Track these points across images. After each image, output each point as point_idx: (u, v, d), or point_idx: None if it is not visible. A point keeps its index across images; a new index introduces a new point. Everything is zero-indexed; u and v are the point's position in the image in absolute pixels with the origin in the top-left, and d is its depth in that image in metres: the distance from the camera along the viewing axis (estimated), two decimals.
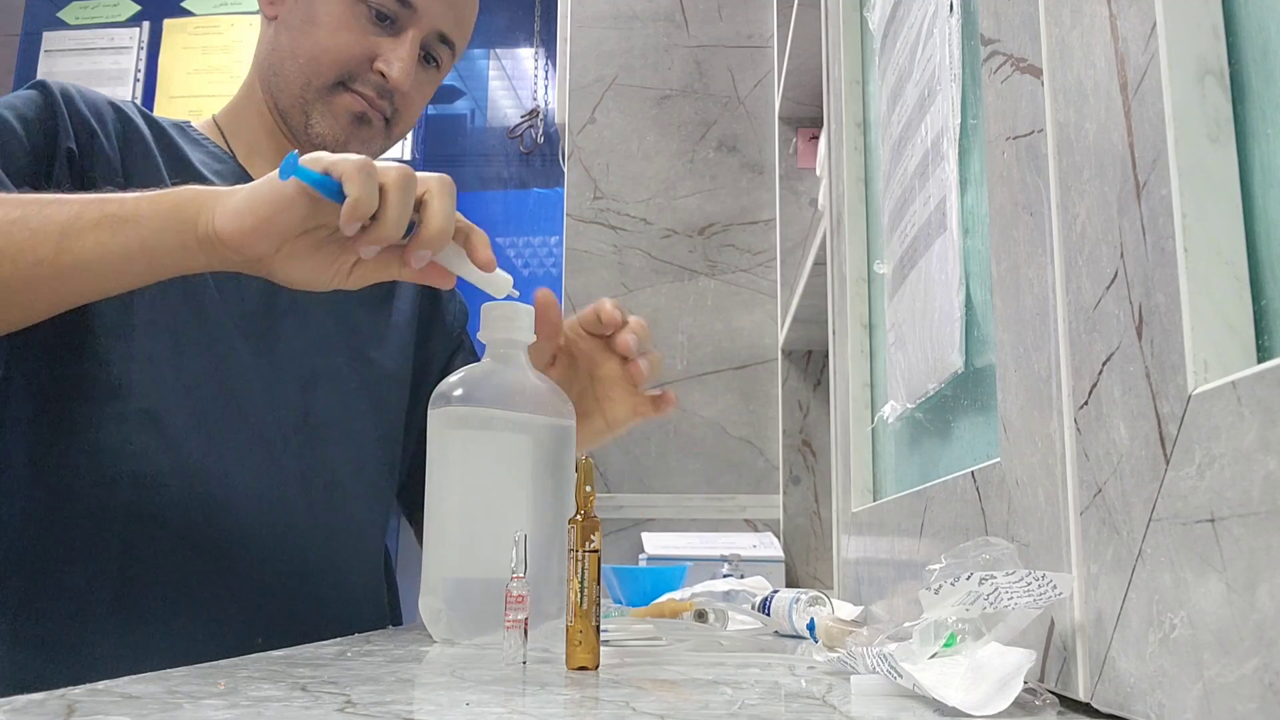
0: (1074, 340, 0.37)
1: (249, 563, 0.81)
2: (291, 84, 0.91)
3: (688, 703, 0.41)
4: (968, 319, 0.56)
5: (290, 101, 0.91)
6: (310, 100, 0.90)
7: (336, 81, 0.90)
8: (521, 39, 3.30)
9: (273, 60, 0.92)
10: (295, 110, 0.91)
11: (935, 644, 0.38)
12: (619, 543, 1.86)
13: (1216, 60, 0.31)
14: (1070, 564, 0.37)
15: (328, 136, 0.91)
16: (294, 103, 0.91)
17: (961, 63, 0.57)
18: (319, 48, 0.89)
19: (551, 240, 2.90)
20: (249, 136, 0.95)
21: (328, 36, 0.89)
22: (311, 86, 0.90)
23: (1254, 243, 0.30)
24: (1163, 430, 0.30)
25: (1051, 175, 0.39)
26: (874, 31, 0.80)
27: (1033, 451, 0.41)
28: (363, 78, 0.90)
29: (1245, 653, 0.25)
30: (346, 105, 0.90)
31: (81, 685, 0.41)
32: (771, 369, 1.92)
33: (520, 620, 0.55)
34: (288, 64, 0.91)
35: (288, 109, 0.92)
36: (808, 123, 1.94)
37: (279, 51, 0.91)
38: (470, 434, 0.69)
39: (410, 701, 0.42)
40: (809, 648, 0.65)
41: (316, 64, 0.89)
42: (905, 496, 0.65)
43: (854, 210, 0.89)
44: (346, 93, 0.90)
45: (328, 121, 0.91)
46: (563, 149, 2.09)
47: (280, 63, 0.91)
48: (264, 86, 0.93)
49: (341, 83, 0.90)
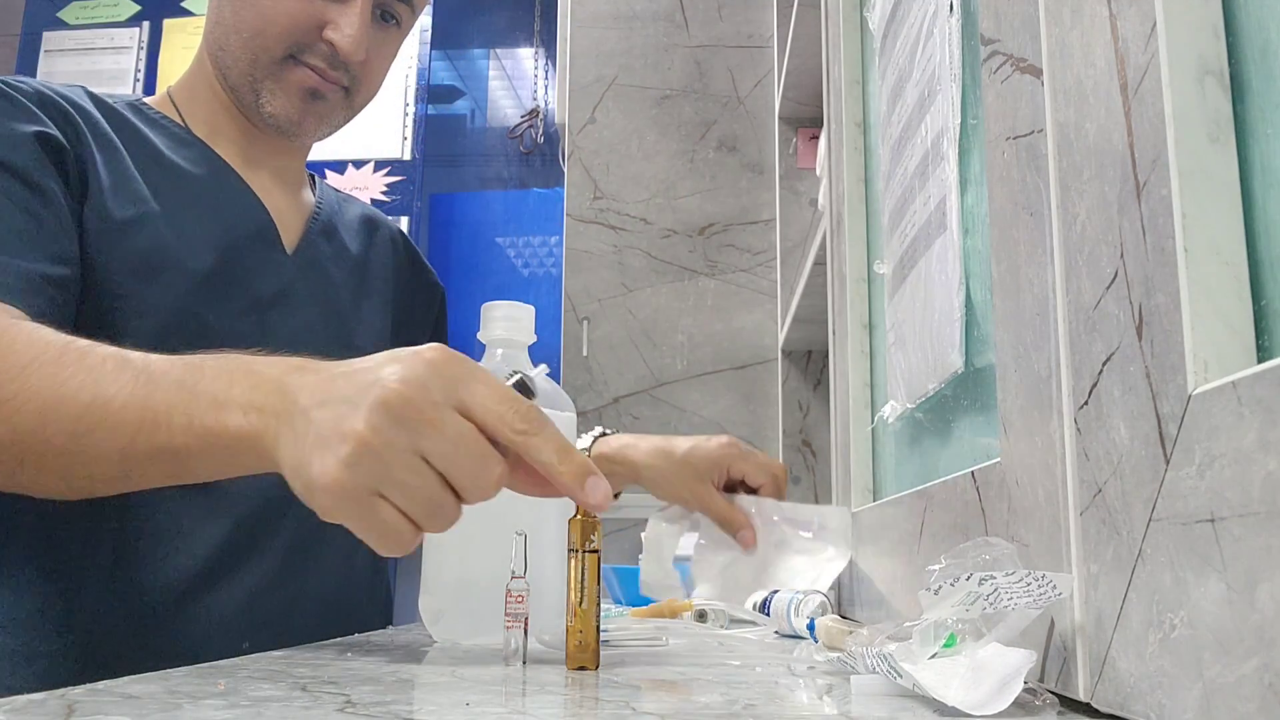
0: (1074, 340, 0.37)
1: (245, 560, 0.81)
2: (239, 60, 0.86)
3: (688, 703, 0.41)
4: (968, 319, 0.56)
5: (239, 79, 0.86)
6: (259, 77, 0.85)
7: (285, 55, 0.85)
8: (521, 39, 3.30)
9: (218, 34, 0.87)
10: (245, 88, 0.87)
11: (935, 644, 0.38)
12: (619, 543, 1.86)
13: (1216, 60, 0.31)
14: (1070, 564, 0.37)
15: (281, 115, 0.87)
16: (243, 80, 0.86)
17: (961, 63, 0.57)
18: (263, 19, 0.84)
19: (551, 240, 2.90)
20: (206, 115, 0.90)
21: (273, 5, 0.83)
22: (259, 63, 0.85)
23: (1254, 243, 0.30)
24: (1163, 430, 0.30)
25: (1051, 175, 0.39)
26: (874, 31, 0.80)
27: (1033, 451, 0.41)
28: (312, 48, 0.85)
29: (1245, 653, 0.25)
30: (298, 81, 0.86)
31: (81, 685, 0.41)
32: (771, 369, 1.92)
33: (520, 620, 0.55)
34: (232, 39, 0.85)
35: (237, 86, 0.87)
36: (808, 123, 1.94)
37: (223, 25, 0.86)
38: None
39: (410, 701, 0.42)
40: (809, 648, 0.65)
41: (262, 37, 0.84)
42: (905, 496, 0.65)
43: (854, 210, 0.89)
44: (297, 66, 0.85)
45: (279, 100, 0.86)
46: (563, 149, 2.09)
47: (225, 37, 0.86)
48: (213, 63, 0.88)
49: (291, 55, 0.85)
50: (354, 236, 0.99)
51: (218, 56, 0.88)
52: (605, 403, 1.92)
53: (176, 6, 2.87)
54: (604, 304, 1.96)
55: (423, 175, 2.68)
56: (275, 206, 0.91)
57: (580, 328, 1.96)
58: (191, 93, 0.91)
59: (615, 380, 1.94)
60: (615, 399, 1.92)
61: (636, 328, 1.96)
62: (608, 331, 1.96)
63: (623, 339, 1.96)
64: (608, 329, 1.96)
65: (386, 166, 2.65)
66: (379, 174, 2.65)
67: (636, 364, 1.94)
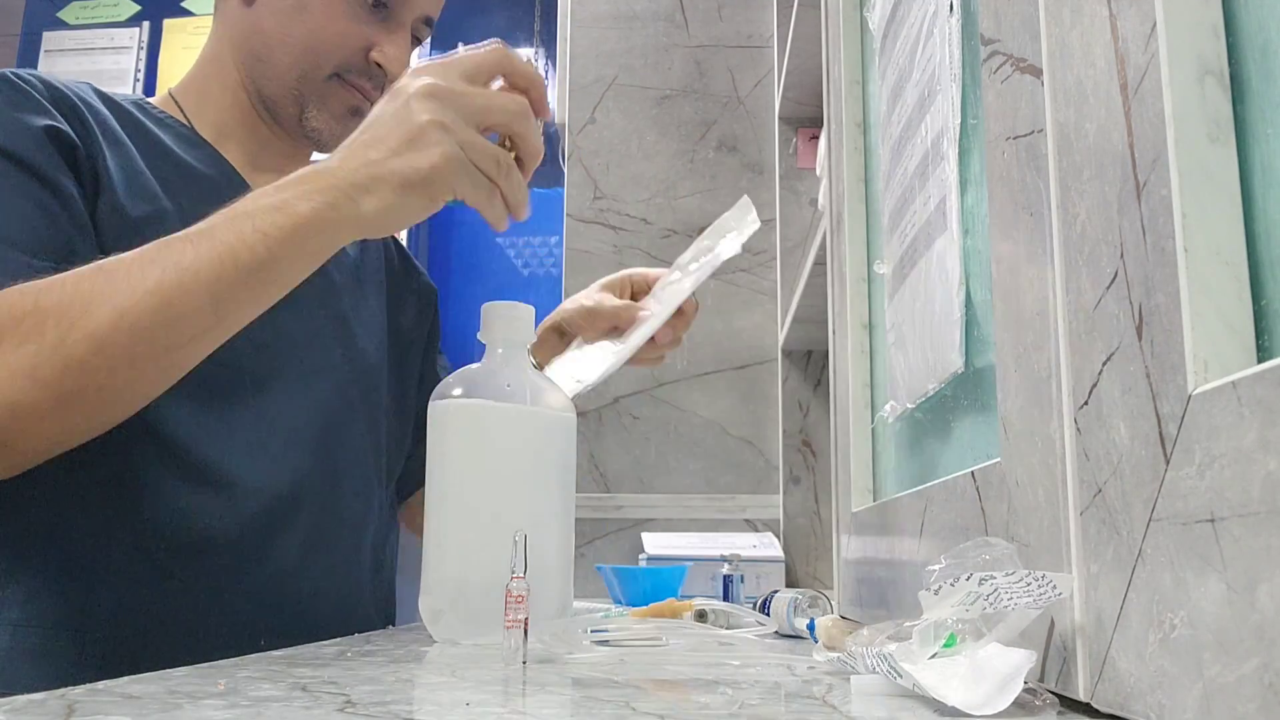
0: (1074, 340, 0.37)
1: (248, 561, 0.81)
2: (284, 73, 0.87)
3: (688, 703, 0.41)
4: (968, 319, 0.56)
5: (280, 91, 0.88)
6: (306, 93, 0.87)
7: (332, 73, 0.87)
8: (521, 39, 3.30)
9: (255, 45, 0.88)
10: (286, 101, 0.88)
11: (935, 644, 0.38)
12: (619, 543, 1.86)
13: (1216, 60, 0.31)
14: (1070, 564, 0.37)
15: (324, 131, 0.88)
16: (285, 93, 0.87)
17: (961, 63, 0.57)
18: (314, 37, 0.85)
19: (551, 240, 2.90)
20: (216, 117, 0.90)
21: (324, 25, 0.85)
22: (308, 78, 0.87)
23: (1254, 243, 0.30)
24: (1163, 430, 0.30)
25: (1051, 175, 0.39)
26: (874, 31, 0.80)
27: (1033, 451, 0.41)
28: (358, 68, 0.87)
29: (1245, 653, 0.25)
30: (344, 99, 0.88)
31: (81, 685, 0.41)
32: (771, 369, 1.92)
33: (520, 620, 0.55)
34: (278, 52, 0.86)
35: (276, 97, 0.88)
36: (808, 123, 1.94)
37: (265, 36, 0.87)
38: (471, 433, 0.68)
39: (410, 701, 0.42)
40: (809, 648, 0.65)
41: (313, 54, 0.86)
42: (905, 496, 0.65)
43: (854, 210, 0.89)
44: (343, 85, 0.87)
45: (324, 117, 0.88)
46: (563, 149, 2.09)
47: (267, 50, 0.87)
48: (245, 71, 0.89)
49: (336, 74, 0.87)
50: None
51: (253, 66, 0.88)
52: (605, 403, 1.92)
53: (176, 6, 2.87)
54: None
55: None
56: None
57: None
58: (201, 94, 0.91)
59: (615, 380, 1.94)
60: (615, 399, 1.92)
61: None
62: None
63: None
64: None
65: None
66: None
67: None
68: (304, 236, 0.65)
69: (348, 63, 0.87)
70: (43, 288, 0.65)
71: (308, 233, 0.65)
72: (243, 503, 0.81)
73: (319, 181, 0.66)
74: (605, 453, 1.90)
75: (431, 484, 0.69)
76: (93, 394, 0.65)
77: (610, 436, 1.91)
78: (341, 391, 0.90)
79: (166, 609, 0.77)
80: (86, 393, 0.65)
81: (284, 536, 0.83)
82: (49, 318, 0.63)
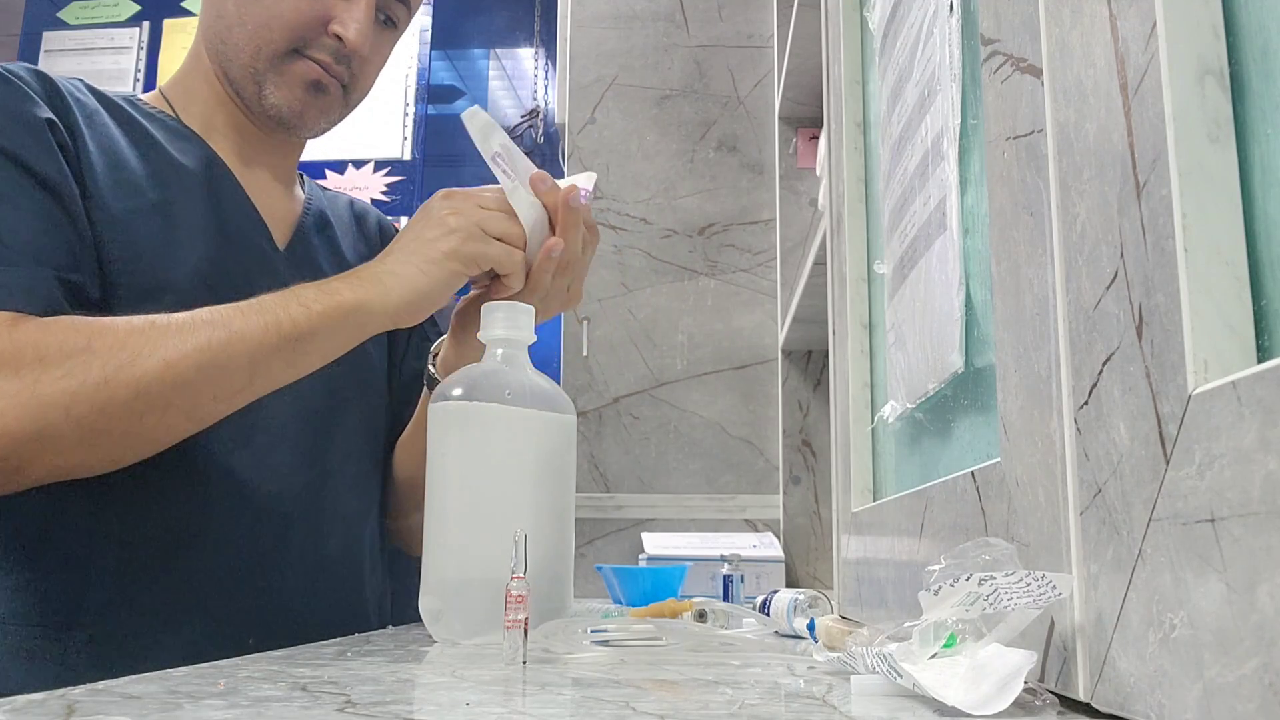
0: (1074, 340, 0.37)
1: (243, 558, 0.81)
2: (241, 52, 0.86)
3: (688, 703, 0.41)
4: (968, 319, 0.56)
5: (240, 71, 0.87)
6: (262, 70, 0.86)
7: (290, 48, 0.86)
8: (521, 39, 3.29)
9: (219, 28, 0.87)
10: (247, 80, 0.87)
11: (935, 644, 0.38)
12: (619, 543, 1.86)
13: (1216, 60, 0.31)
14: (1070, 564, 0.37)
15: (283, 107, 0.87)
16: (244, 72, 0.87)
17: (961, 63, 0.57)
18: (269, 13, 0.84)
19: None
20: (200, 109, 0.90)
21: (280, 1, 0.84)
22: (263, 54, 0.85)
23: (1254, 243, 0.30)
24: (1163, 430, 0.30)
25: (1051, 175, 0.39)
26: (874, 31, 0.80)
27: (1033, 451, 0.41)
28: (317, 42, 0.86)
29: (1245, 653, 0.25)
30: (301, 73, 0.86)
31: (81, 685, 0.41)
32: (771, 369, 1.92)
33: (520, 620, 0.55)
34: (236, 31, 0.86)
35: (238, 79, 0.87)
36: (808, 123, 1.94)
37: (225, 18, 0.86)
38: (471, 433, 0.68)
39: (410, 701, 0.42)
40: (809, 648, 0.65)
41: (267, 30, 0.85)
42: (905, 496, 0.65)
43: (854, 210, 0.89)
44: (300, 59, 0.86)
45: (282, 92, 0.87)
46: (563, 149, 2.09)
47: (227, 30, 0.86)
48: (212, 56, 0.89)
49: (295, 49, 0.86)
50: (344, 231, 1.00)
51: (219, 50, 0.88)
52: (605, 403, 1.92)
53: (176, 6, 2.87)
54: (604, 304, 1.97)
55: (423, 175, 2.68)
56: (267, 203, 0.91)
57: (580, 328, 1.96)
58: (186, 89, 0.91)
59: (615, 380, 1.94)
60: (615, 399, 1.92)
61: (636, 328, 1.96)
62: (608, 331, 1.96)
63: (623, 339, 1.96)
64: (608, 329, 1.96)
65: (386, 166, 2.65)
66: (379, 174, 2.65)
67: (636, 364, 1.94)
68: (343, 314, 0.74)
69: (305, 37, 0.85)
70: (97, 330, 0.68)
71: (346, 311, 0.74)
72: (232, 500, 0.81)
73: (362, 272, 0.77)
74: (605, 453, 1.90)
75: (432, 484, 0.69)
76: (118, 435, 0.69)
77: (610, 436, 1.91)
78: (332, 387, 0.90)
79: (154, 606, 0.77)
80: (113, 434, 0.68)
81: (273, 533, 0.83)
82: (97, 358, 0.67)
